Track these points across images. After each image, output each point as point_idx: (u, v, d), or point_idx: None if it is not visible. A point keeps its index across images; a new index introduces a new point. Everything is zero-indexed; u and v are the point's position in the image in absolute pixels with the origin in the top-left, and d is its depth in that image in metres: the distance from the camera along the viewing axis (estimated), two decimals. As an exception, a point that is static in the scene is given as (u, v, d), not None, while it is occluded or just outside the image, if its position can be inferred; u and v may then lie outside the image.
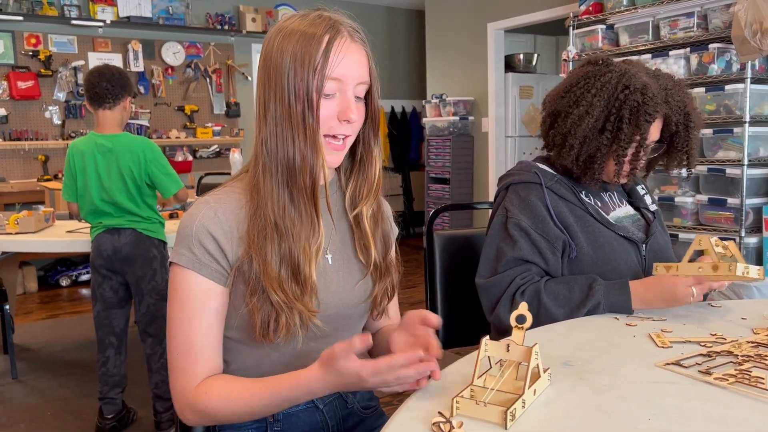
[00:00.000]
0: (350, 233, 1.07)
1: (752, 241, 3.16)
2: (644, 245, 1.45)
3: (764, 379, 0.91)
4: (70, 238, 2.76)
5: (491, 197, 1.60)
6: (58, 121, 5.47)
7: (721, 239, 1.25)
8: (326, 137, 0.97)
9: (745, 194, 3.11)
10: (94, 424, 2.54)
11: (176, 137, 5.93)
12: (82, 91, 4.97)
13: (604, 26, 3.85)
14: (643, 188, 1.60)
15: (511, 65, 5.70)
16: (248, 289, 0.95)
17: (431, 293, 1.69)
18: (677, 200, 3.39)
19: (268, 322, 0.95)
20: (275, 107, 0.95)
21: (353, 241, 1.06)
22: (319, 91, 0.93)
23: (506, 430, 0.78)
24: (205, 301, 0.95)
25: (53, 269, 5.28)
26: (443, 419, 0.79)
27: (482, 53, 5.64)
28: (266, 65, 0.96)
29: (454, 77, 6.02)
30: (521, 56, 5.76)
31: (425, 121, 6.08)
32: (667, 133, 1.42)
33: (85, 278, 5.24)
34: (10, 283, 3.55)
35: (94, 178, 2.43)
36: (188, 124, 6.06)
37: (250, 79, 6.41)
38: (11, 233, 2.83)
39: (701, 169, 3.27)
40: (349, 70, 0.94)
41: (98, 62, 5.28)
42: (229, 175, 3.47)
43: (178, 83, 6.03)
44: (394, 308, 1.18)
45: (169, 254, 2.49)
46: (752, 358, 1.00)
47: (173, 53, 5.96)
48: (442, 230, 1.76)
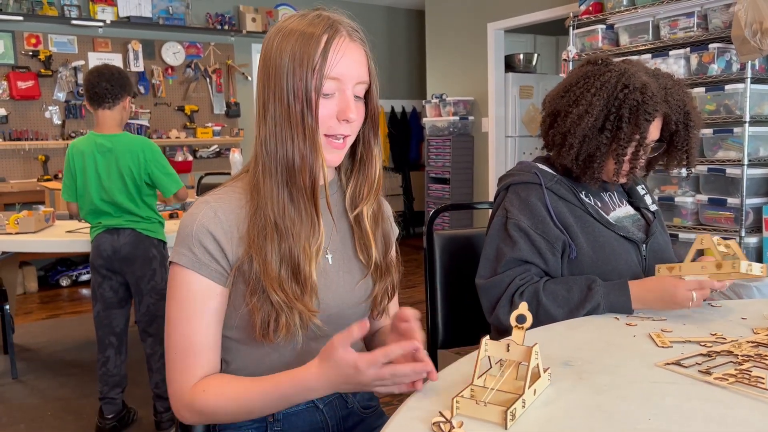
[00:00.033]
0: (350, 233, 1.07)
1: (752, 240, 3.16)
2: (644, 245, 1.45)
3: (764, 378, 0.91)
4: (70, 238, 2.76)
5: (491, 197, 1.60)
6: (58, 121, 5.47)
7: (722, 239, 1.25)
8: (326, 137, 0.97)
9: (745, 194, 3.11)
10: (94, 424, 2.54)
11: (176, 137, 5.93)
12: (82, 91, 4.97)
13: (604, 26, 3.85)
14: (643, 188, 1.60)
15: (511, 65, 5.70)
16: (248, 288, 0.95)
17: (431, 293, 1.69)
18: (677, 200, 3.39)
19: (268, 321, 0.95)
20: (274, 107, 0.95)
21: (353, 240, 1.06)
22: (317, 90, 0.93)
23: (506, 429, 0.78)
24: (204, 300, 0.95)
25: (53, 269, 5.28)
26: (443, 419, 0.79)
27: (482, 53, 5.64)
28: (265, 65, 0.96)
29: (454, 77, 6.02)
30: (521, 56, 5.76)
31: (425, 121, 6.08)
32: (666, 132, 1.42)
33: (85, 278, 5.24)
34: (10, 283, 3.55)
35: (93, 177, 2.43)
36: (188, 124, 6.06)
37: (250, 79, 6.41)
38: (11, 233, 2.83)
39: (701, 169, 3.27)
40: (347, 69, 0.94)
41: (98, 62, 5.27)
42: (229, 175, 3.47)
43: (178, 83, 6.03)
44: (394, 308, 1.18)
45: (168, 254, 2.50)
46: (752, 357, 1.00)
47: (173, 53, 5.96)
48: (442, 230, 1.76)
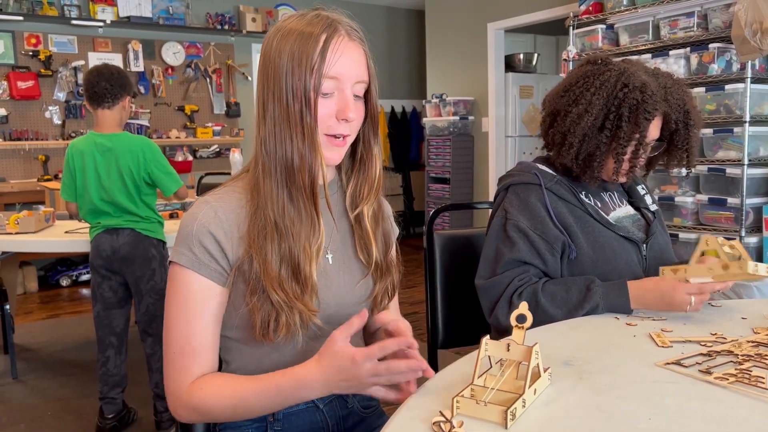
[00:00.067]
0: (351, 233, 1.07)
1: (752, 240, 3.16)
2: (644, 245, 1.45)
3: (764, 378, 0.91)
4: (70, 238, 2.76)
5: (491, 197, 1.60)
6: (58, 121, 5.47)
7: (726, 239, 1.25)
8: (326, 136, 0.97)
9: (745, 194, 3.11)
10: (94, 423, 2.54)
11: (176, 137, 5.93)
12: (82, 91, 4.97)
13: (604, 26, 3.85)
14: (643, 188, 1.60)
15: (511, 65, 5.70)
16: (248, 288, 0.95)
17: (431, 293, 1.69)
18: (677, 200, 3.39)
19: (268, 321, 0.95)
20: (274, 107, 0.95)
21: (354, 240, 1.06)
22: (316, 89, 0.93)
23: (506, 429, 0.78)
24: (203, 300, 0.95)
25: (53, 269, 5.28)
26: (444, 419, 0.79)
27: (482, 53, 5.64)
28: (265, 65, 0.96)
29: (454, 77, 6.02)
30: (521, 56, 5.76)
31: (425, 120, 6.08)
32: (666, 131, 1.42)
33: (85, 278, 5.25)
34: (10, 283, 3.55)
35: (93, 177, 2.43)
36: (188, 124, 6.06)
37: (250, 79, 6.41)
38: (11, 233, 2.83)
39: (701, 168, 3.27)
40: (346, 68, 0.94)
41: (98, 62, 5.24)
42: (229, 175, 3.47)
43: (178, 83, 6.03)
44: (394, 307, 1.18)
45: (168, 254, 2.50)
46: (752, 357, 1.00)
47: (173, 53, 5.96)
48: (442, 230, 1.76)
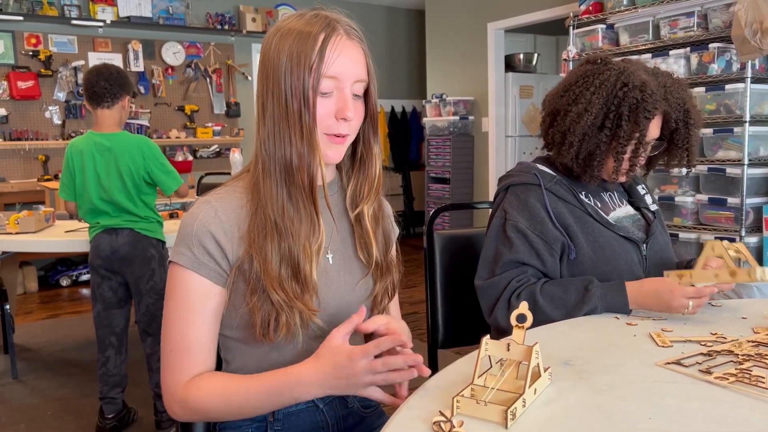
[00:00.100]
0: (351, 232, 1.07)
1: (752, 240, 3.16)
2: (644, 245, 1.45)
3: (765, 378, 0.91)
4: (70, 238, 2.76)
5: (491, 197, 1.60)
6: (58, 121, 5.47)
7: (730, 241, 1.24)
8: (326, 136, 0.97)
9: (745, 194, 3.11)
10: (94, 423, 2.54)
11: (176, 137, 5.93)
12: (82, 91, 4.97)
13: (604, 26, 3.85)
14: (643, 188, 1.60)
15: (511, 65, 5.70)
16: (248, 288, 0.95)
17: (431, 293, 1.69)
18: (677, 200, 3.39)
19: (268, 321, 0.95)
20: (273, 107, 0.95)
21: (354, 240, 1.07)
22: (315, 89, 0.93)
23: (507, 429, 0.78)
24: (202, 300, 0.96)
25: (53, 269, 5.28)
26: (444, 418, 0.79)
27: (482, 53, 5.64)
28: (264, 65, 0.96)
29: (454, 77, 6.02)
30: (521, 56, 5.76)
31: (425, 120, 6.08)
32: (666, 130, 1.42)
33: (85, 278, 5.24)
34: (10, 283, 3.55)
35: (92, 177, 2.43)
36: (188, 124, 6.06)
37: (250, 79, 6.41)
38: (11, 233, 2.83)
39: (701, 168, 3.27)
40: (345, 67, 0.94)
41: (98, 62, 5.24)
42: (229, 174, 3.47)
43: (178, 83, 6.03)
44: (395, 307, 1.19)
45: (167, 253, 2.50)
46: (753, 357, 1.00)
47: (173, 53, 5.96)
48: (442, 230, 1.76)
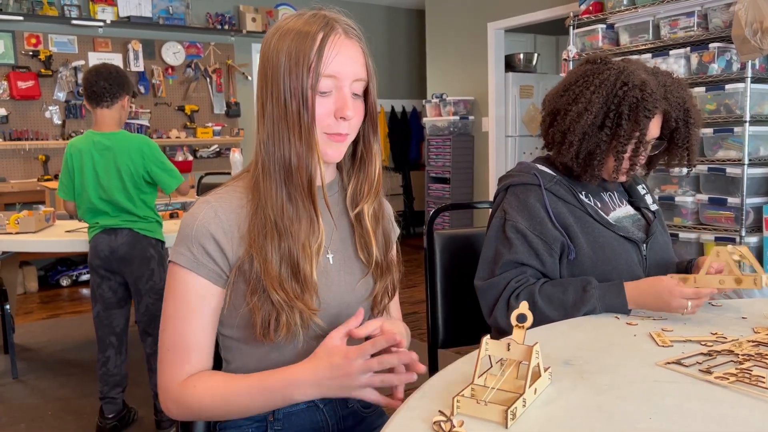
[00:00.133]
0: (351, 232, 1.07)
1: (752, 240, 3.16)
2: (645, 245, 1.44)
3: (765, 378, 0.91)
4: (70, 237, 2.76)
5: (491, 197, 1.60)
6: (58, 121, 5.47)
7: (730, 242, 1.24)
8: (326, 135, 0.97)
9: (745, 194, 3.11)
10: (94, 423, 2.54)
11: (176, 137, 5.93)
12: (81, 90, 4.97)
13: (604, 26, 3.85)
14: (643, 188, 1.60)
15: (511, 65, 5.70)
16: (249, 288, 0.96)
17: (431, 293, 1.69)
18: (677, 200, 3.39)
19: (268, 321, 0.95)
20: (272, 107, 0.95)
21: (354, 240, 1.07)
22: (313, 88, 0.93)
23: (507, 429, 0.78)
24: (200, 300, 0.96)
25: (54, 269, 5.28)
26: (444, 418, 0.79)
27: (482, 53, 5.64)
28: (264, 65, 0.97)
29: (454, 77, 6.02)
30: (521, 56, 5.76)
31: (425, 120, 6.08)
32: (666, 129, 1.42)
33: (85, 278, 5.24)
34: (10, 282, 3.55)
35: (91, 176, 2.42)
36: (188, 123, 6.06)
37: (250, 78, 6.41)
38: (12, 233, 2.83)
39: (701, 168, 3.27)
40: (343, 66, 0.94)
41: (98, 62, 5.25)
42: (229, 174, 3.47)
43: (178, 83, 6.03)
44: (395, 307, 1.19)
45: (167, 254, 2.50)
46: (753, 357, 1.00)
47: (173, 53, 5.96)
48: (442, 230, 1.76)
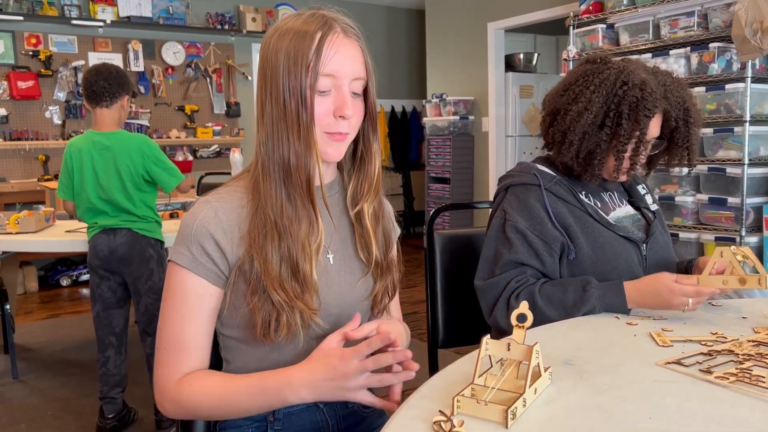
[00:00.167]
0: (351, 232, 1.07)
1: (753, 240, 3.16)
2: (645, 245, 1.44)
3: (765, 378, 0.91)
4: (70, 237, 2.76)
5: (491, 197, 1.60)
6: (58, 121, 5.47)
7: (731, 242, 1.24)
8: (326, 134, 0.97)
9: (745, 193, 3.11)
10: (94, 423, 2.54)
11: (176, 137, 5.93)
12: (81, 90, 4.98)
13: (604, 26, 3.85)
14: (643, 188, 1.60)
15: (511, 65, 5.70)
16: (249, 288, 0.96)
17: (432, 292, 1.69)
18: (678, 199, 3.39)
19: (269, 321, 0.95)
20: (271, 107, 0.95)
21: (354, 239, 1.07)
22: (312, 87, 0.93)
23: (507, 428, 0.78)
24: (198, 300, 0.96)
25: (54, 269, 5.28)
26: (444, 418, 0.79)
27: (482, 53, 5.64)
28: (263, 66, 0.97)
29: (454, 77, 6.02)
30: (521, 56, 5.76)
31: (425, 120, 6.08)
32: (667, 129, 1.42)
33: (85, 278, 5.24)
34: (10, 282, 3.55)
35: (90, 175, 2.42)
36: (188, 123, 6.06)
37: (250, 78, 6.41)
38: (12, 233, 2.83)
39: (702, 168, 3.27)
40: (341, 65, 0.94)
41: (98, 62, 5.26)
42: (229, 174, 3.47)
43: (178, 83, 6.02)
44: (395, 306, 1.19)
45: (166, 254, 2.50)
46: (753, 357, 1.00)
47: (173, 53, 5.96)
48: (442, 230, 1.76)
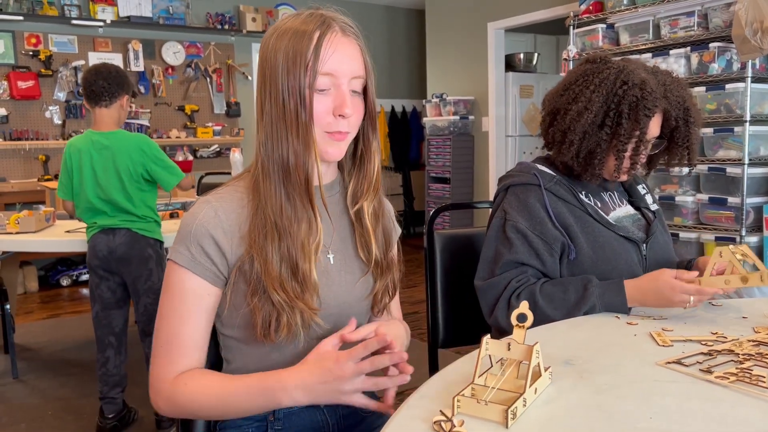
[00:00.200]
0: (351, 232, 1.07)
1: (753, 240, 3.16)
2: (644, 245, 1.44)
3: (765, 377, 0.91)
4: (70, 237, 2.76)
5: (491, 196, 1.60)
6: (58, 120, 5.47)
7: (731, 242, 1.24)
8: (326, 134, 0.97)
9: (745, 193, 3.11)
10: (94, 423, 2.54)
11: (176, 137, 5.93)
12: (81, 90, 4.98)
13: (604, 25, 3.85)
14: (644, 188, 1.60)
15: (511, 64, 5.70)
16: (249, 288, 0.96)
17: (432, 292, 1.69)
18: (678, 199, 3.39)
19: (269, 321, 0.95)
20: (270, 107, 0.95)
21: (354, 239, 1.07)
22: (311, 86, 0.93)
23: (507, 428, 0.78)
24: (196, 299, 0.96)
25: (54, 269, 5.28)
26: (444, 418, 0.79)
27: (482, 52, 5.64)
28: (262, 66, 0.97)
29: (454, 76, 6.02)
30: (521, 55, 5.76)
31: (425, 120, 6.08)
32: (667, 128, 1.42)
33: (85, 278, 5.24)
34: (10, 282, 3.55)
35: (89, 175, 2.42)
36: (188, 123, 6.06)
37: (250, 78, 6.41)
38: (12, 233, 2.83)
39: (702, 168, 3.27)
40: (340, 64, 0.94)
41: (98, 62, 5.27)
42: (229, 174, 3.47)
43: (178, 83, 6.02)
44: (395, 306, 1.19)
45: (165, 253, 2.50)
46: (753, 356, 1.00)
47: (173, 53, 5.96)
48: (442, 229, 1.76)
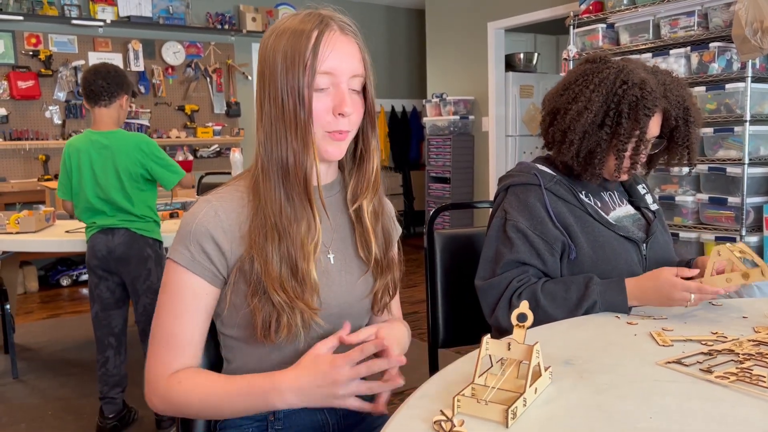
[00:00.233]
0: (351, 232, 1.07)
1: (753, 240, 3.16)
2: (645, 245, 1.44)
3: (765, 377, 0.91)
4: (70, 237, 2.76)
5: (491, 196, 1.60)
6: (58, 120, 5.47)
7: (730, 242, 1.24)
8: (327, 133, 0.97)
9: (745, 193, 3.11)
10: (94, 423, 2.54)
11: (176, 137, 5.93)
12: (81, 90, 4.97)
13: (604, 25, 3.85)
14: (644, 187, 1.60)
15: (511, 64, 5.70)
16: (250, 289, 0.96)
17: (432, 292, 1.69)
18: (678, 199, 3.39)
19: (269, 322, 0.95)
20: (270, 107, 0.95)
21: (354, 239, 1.07)
22: (309, 85, 0.93)
23: (507, 428, 0.78)
24: (194, 298, 0.96)
25: (54, 269, 5.28)
26: (444, 418, 0.79)
27: (482, 52, 5.64)
28: (261, 66, 0.97)
29: (454, 76, 6.02)
30: (521, 55, 5.76)
31: (425, 120, 6.08)
32: (666, 128, 1.42)
33: (85, 278, 5.23)
34: (10, 282, 3.55)
35: (89, 174, 2.42)
36: (188, 123, 6.06)
37: (250, 78, 6.41)
38: (12, 233, 2.83)
39: (702, 168, 3.27)
40: (339, 63, 0.94)
41: (98, 62, 5.27)
42: (229, 174, 3.47)
43: (178, 83, 6.02)
44: (396, 305, 1.19)
45: (165, 253, 2.49)
46: (753, 356, 1.00)
47: (173, 53, 5.96)
48: (442, 229, 1.76)
